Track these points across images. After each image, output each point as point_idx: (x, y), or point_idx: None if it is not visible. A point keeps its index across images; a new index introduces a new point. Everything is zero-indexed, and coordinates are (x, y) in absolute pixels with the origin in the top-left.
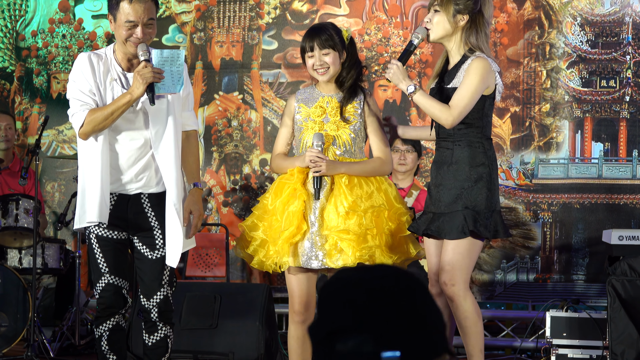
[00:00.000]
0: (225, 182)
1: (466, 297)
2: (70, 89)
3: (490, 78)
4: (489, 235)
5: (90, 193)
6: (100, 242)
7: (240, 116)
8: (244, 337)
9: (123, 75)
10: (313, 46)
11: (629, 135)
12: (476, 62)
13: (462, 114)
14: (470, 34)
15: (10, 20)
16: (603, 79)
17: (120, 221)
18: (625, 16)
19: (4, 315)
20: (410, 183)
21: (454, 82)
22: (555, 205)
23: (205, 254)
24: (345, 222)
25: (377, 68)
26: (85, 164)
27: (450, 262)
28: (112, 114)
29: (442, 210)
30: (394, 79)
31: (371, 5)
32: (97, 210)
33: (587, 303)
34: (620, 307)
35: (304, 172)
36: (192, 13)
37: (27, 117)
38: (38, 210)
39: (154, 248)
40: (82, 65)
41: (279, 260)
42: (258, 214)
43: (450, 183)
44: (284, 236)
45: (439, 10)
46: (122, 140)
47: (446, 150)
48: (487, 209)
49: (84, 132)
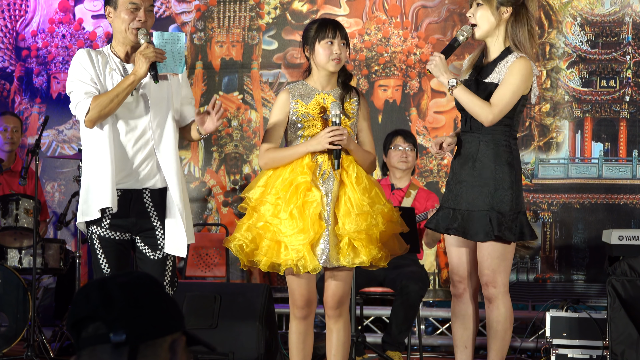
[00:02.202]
0: (225, 182)
1: (504, 301)
2: (71, 81)
3: (530, 80)
4: (514, 239)
5: (99, 182)
6: (103, 243)
7: (240, 116)
8: (244, 337)
9: (122, 65)
10: (336, 34)
11: (629, 135)
12: (520, 63)
13: (502, 113)
14: (513, 27)
15: (10, 20)
16: (603, 79)
17: (123, 221)
18: (625, 16)
19: (4, 315)
20: (408, 182)
21: (491, 77)
22: (555, 205)
23: (205, 254)
24: (358, 222)
25: (377, 68)
26: (91, 155)
27: (490, 267)
28: (117, 96)
29: (464, 208)
30: (435, 71)
31: (371, 5)
32: (109, 197)
33: (587, 303)
34: (620, 307)
35: (312, 168)
36: (192, 13)
37: (27, 117)
38: (38, 210)
39: (156, 248)
40: (80, 58)
41: (305, 263)
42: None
43: (473, 180)
44: (308, 240)
45: (481, 3)
46: (125, 129)
47: (471, 146)
48: (512, 211)
49: (90, 119)
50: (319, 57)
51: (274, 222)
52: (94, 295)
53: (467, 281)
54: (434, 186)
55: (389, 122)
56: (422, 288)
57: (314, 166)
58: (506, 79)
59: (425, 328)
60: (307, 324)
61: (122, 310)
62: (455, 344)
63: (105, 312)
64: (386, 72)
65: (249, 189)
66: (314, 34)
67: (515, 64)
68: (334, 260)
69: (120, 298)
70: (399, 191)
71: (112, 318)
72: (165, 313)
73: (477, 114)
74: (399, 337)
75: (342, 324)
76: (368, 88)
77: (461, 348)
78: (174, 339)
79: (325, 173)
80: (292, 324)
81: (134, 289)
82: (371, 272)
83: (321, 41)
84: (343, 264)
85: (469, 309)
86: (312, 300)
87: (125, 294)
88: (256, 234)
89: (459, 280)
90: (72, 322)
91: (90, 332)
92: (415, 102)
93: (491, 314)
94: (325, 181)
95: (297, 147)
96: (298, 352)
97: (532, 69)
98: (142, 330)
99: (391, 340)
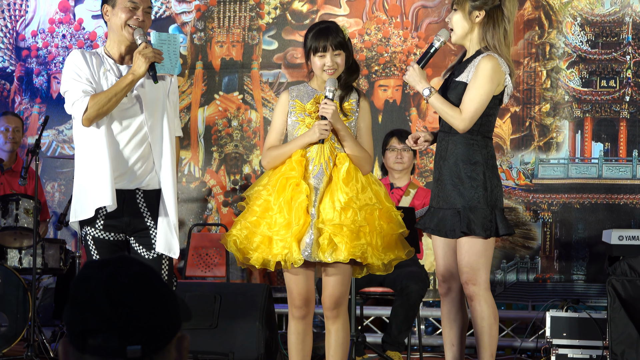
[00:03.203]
0: (225, 182)
1: (486, 297)
2: (66, 81)
3: (498, 77)
4: (484, 235)
5: (97, 181)
6: (97, 244)
7: (240, 116)
8: (244, 337)
9: (116, 66)
10: (326, 46)
11: (629, 135)
12: (484, 62)
13: (473, 118)
14: (486, 30)
15: (10, 20)
16: (603, 79)
17: (116, 222)
18: (625, 16)
19: (4, 315)
20: (407, 182)
21: (461, 76)
22: (555, 205)
23: (205, 254)
24: (340, 217)
25: (377, 68)
26: (86, 154)
27: (468, 264)
28: (116, 95)
29: (439, 206)
30: (410, 81)
31: (371, 5)
32: (109, 195)
33: (587, 303)
34: (620, 307)
35: (302, 163)
36: (192, 13)
37: (27, 117)
38: (38, 210)
39: (151, 248)
40: (75, 58)
41: (289, 257)
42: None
43: (446, 179)
44: (293, 233)
45: (456, 8)
46: (119, 129)
47: (442, 144)
48: (485, 207)
49: (88, 118)
50: (314, 68)
51: (265, 217)
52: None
53: (451, 280)
54: None
55: (389, 122)
56: (422, 288)
57: (305, 161)
58: (472, 82)
59: (425, 328)
60: (305, 324)
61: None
62: (444, 343)
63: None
64: (386, 72)
65: (250, 189)
66: (309, 44)
67: (479, 65)
68: (315, 255)
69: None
70: (397, 190)
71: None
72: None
73: (450, 123)
74: (399, 337)
75: (340, 325)
76: (368, 88)
77: (448, 346)
78: (179, 338)
79: (315, 168)
80: (290, 324)
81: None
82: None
83: (315, 53)
84: (321, 259)
85: (453, 307)
86: (310, 299)
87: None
88: (249, 231)
89: (443, 280)
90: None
91: (99, 343)
92: (416, 102)
93: (474, 312)
94: (315, 176)
95: (294, 140)
96: (297, 352)
97: (500, 66)
98: (155, 338)
99: (391, 341)
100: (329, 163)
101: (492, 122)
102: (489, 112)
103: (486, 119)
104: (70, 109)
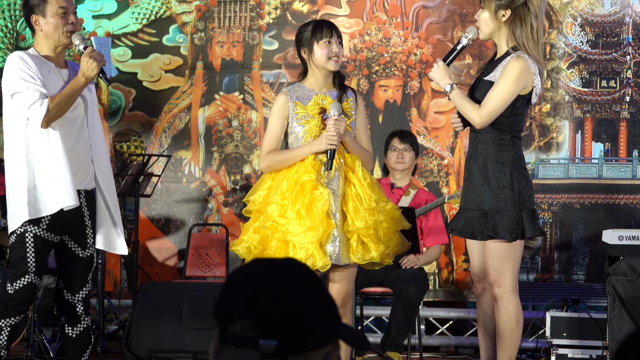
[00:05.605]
0: (225, 182)
1: (510, 300)
2: (15, 82)
3: (526, 79)
4: (509, 238)
5: (56, 181)
6: (37, 242)
7: (240, 116)
8: None
9: (56, 69)
10: (332, 33)
11: (629, 135)
12: (512, 63)
13: (491, 115)
14: (514, 28)
15: (10, 20)
16: (603, 79)
17: (62, 222)
18: (625, 16)
19: None
20: (407, 182)
21: (490, 76)
22: (555, 205)
23: (205, 254)
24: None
25: (378, 68)
26: (38, 154)
27: (493, 266)
28: (71, 97)
29: (467, 207)
30: (435, 77)
31: (372, 5)
32: (72, 195)
33: (587, 303)
34: (620, 307)
35: (316, 167)
36: (193, 13)
37: None
38: None
39: (85, 247)
40: (21, 61)
41: (314, 261)
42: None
43: (475, 180)
44: (316, 238)
45: (483, 7)
46: (67, 130)
47: (472, 145)
48: (512, 209)
49: (49, 120)
50: (318, 57)
51: (282, 222)
52: (245, 288)
53: (485, 281)
54: (434, 186)
55: (390, 123)
56: (421, 291)
57: (318, 165)
58: (498, 81)
59: (425, 328)
60: None
61: (275, 312)
62: (479, 344)
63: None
64: (387, 72)
65: (252, 193)
66: (311, 34)
67: (508, 65)
68: (345, 258)
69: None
70: (398, 190)
71: (263, 320)
72: (323, 320)
73: (468, 117)
74: (398, 339)
75: None
76: (368, 88)
77: (483, 348)
78: (328, 352)
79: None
80: None
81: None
82: (371, 272)
83: (319, 41)
84: (354, 260)
85: (488, 308)
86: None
87: (280, 293)
88: (264, 235)
89: (478, 280)
90: (220, 314)
91: (237, 331)
92: (416, 102)
93: (498, 314)
94: (330, 180)
95: (300, 148)
96: None
97: (529, 67)
98: (294, 339)
99: (390, 343)
100: (342, 165)
101: (521, 122)
102: (517, 112)
103: (514, 118)
104: (25, 111)
